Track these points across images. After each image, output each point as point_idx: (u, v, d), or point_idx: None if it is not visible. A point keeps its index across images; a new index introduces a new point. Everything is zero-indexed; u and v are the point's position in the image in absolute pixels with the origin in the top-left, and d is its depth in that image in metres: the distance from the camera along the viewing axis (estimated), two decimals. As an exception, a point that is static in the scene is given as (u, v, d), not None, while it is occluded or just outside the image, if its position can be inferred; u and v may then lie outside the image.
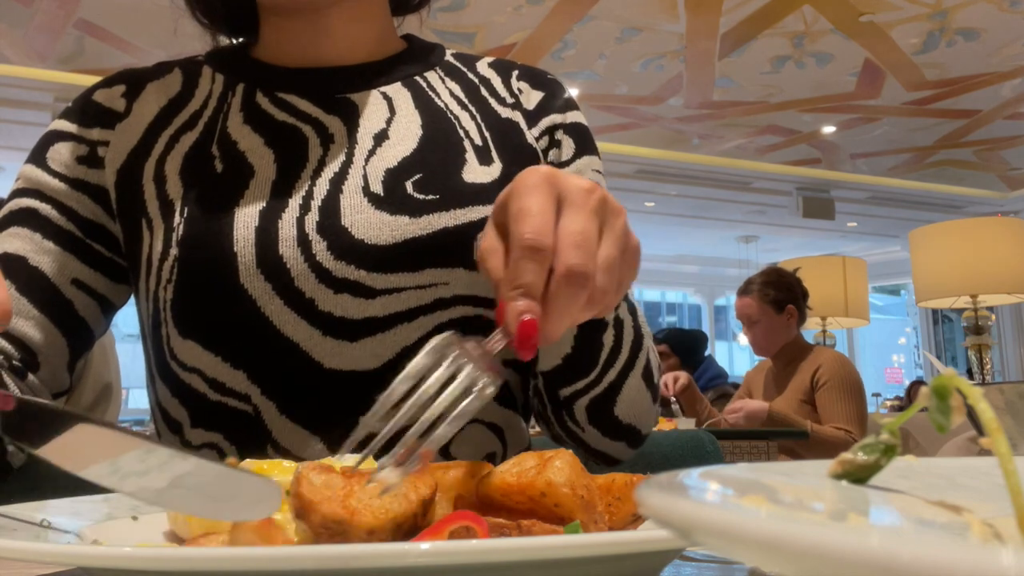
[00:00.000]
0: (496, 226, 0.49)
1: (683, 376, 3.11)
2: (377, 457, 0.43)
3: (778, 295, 3.01)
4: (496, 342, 0.45)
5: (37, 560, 0.33)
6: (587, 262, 0.45)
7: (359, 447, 0.45)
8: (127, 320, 0.98)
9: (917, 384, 7.82)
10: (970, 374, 3.66)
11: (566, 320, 0.46)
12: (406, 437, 0.42)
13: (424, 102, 0.80)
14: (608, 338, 0.71)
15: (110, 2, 4.60)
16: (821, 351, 3.02)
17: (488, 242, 0.49)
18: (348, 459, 0.50)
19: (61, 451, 0.38)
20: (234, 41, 0.88)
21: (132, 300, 0.82)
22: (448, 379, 0.44)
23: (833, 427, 2.80)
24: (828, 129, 6.81)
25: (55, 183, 0.77)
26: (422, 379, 0.44)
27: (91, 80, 1.09)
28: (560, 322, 0.46)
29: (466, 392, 0.44)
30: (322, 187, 0.73)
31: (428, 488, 0.41)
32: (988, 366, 3.48)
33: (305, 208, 0.72)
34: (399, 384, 0.44)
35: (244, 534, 0.39)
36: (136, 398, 8.15)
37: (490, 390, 0.44)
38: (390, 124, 0.78)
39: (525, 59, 5.21)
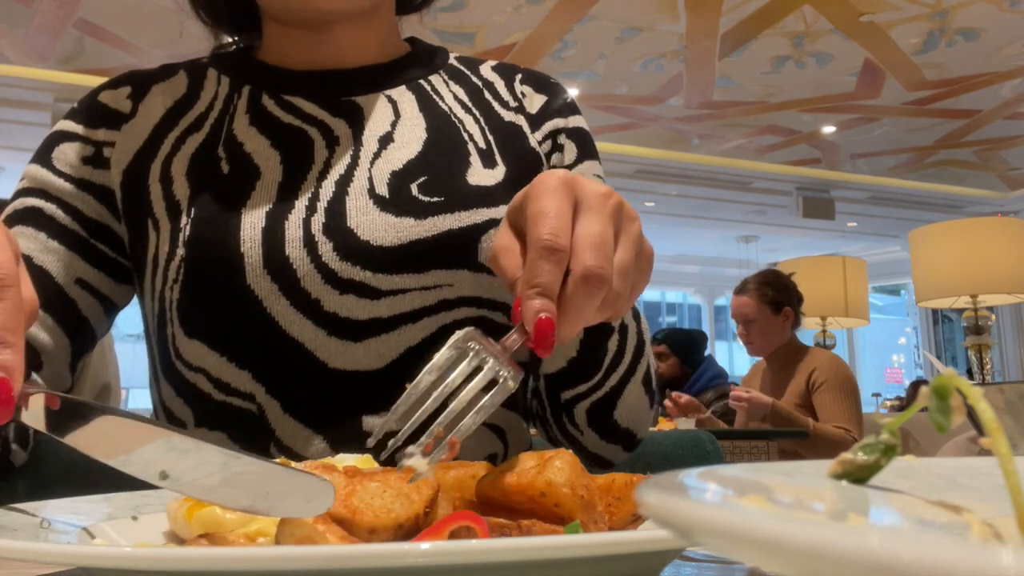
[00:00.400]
0: (511, 226, 0.50)
1: (686, 397, 3.17)
2: (403, 446, 0.44)
3: (776, 295, 3.03)
4: (514, 340, 0.46)
5: (37, 560, 0.33)
6: (604, 264, 0.46)
7: (385, 437, 0.46)
8: (127, 320, 0.98)
9: (919, 384, 7.82)
10: (970, 374, 3.66)
11: (581, 321, 0.46)
12: (433, 427, 0.44)
13: (429, 106, 0.81)
14: (613, 343, 0.71)
15: (110, 2, 4.60)
16: (815, 353, 3.03)
17: (502, 241, 0.49)
18: (348, 459, 0.50)
19: (107, 449, 0.39)
20: (234, 39, 0.89)
21: (134, 300, 0.82)
22: (472, 372, 0.45)
23: (833, 426, 2.81)
24: (828, 129, 6.81)
25: (60, 183, 0.77)
26: (446, 371, 0.45)
27: (91, 80, 1.10)
28: (575, 323, 0.46)
29: (490, 385, 0.45)
30: (328, 189, 0.74)
31: (430, 488, 0.41)
32: (988, 366, 3.48)
33: (311, 209, 0.72)
34: (425, 375, 0.45)
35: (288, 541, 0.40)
36: (136, 398, 8.15)
37: (512, 384, 0.45)
38: (395, 127, 0.78)
39: (525, 59, 5.22)
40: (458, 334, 0.46)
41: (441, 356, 0.45)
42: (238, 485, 0.38)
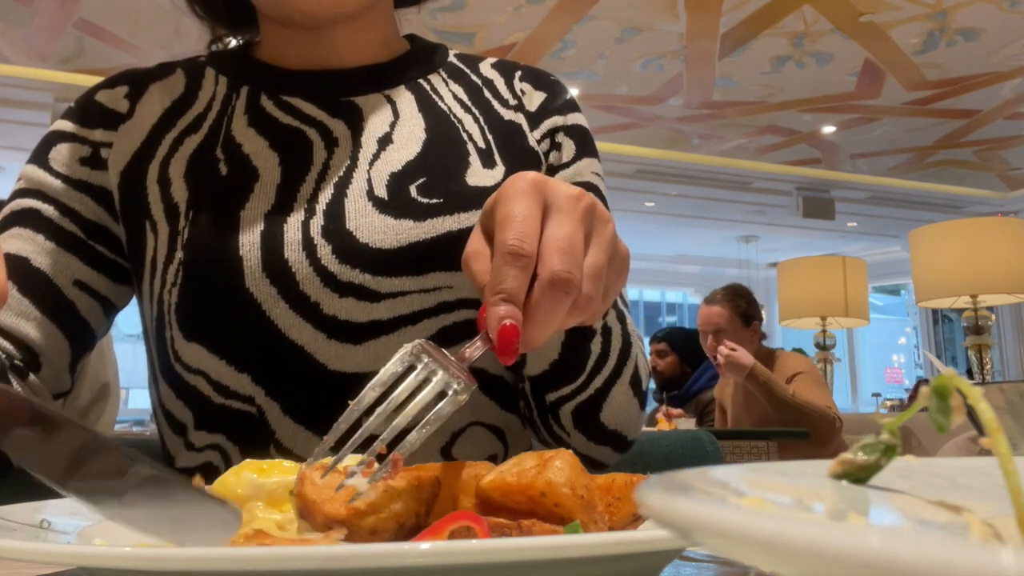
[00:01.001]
0: (483, 231, 0.49)
1: (676, 411, 3.29)
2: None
3: (748, 308, 3.09)
4: (476, 348, 0.45)
5: (37, 560, 0.33)
6: (572, 268, 0.45)
7: (331, 452, 0.45)
8: (127, 320, 0.98)
9: (923, 383, 7.82)
10: (970, 374, 3.66)
11: (550, 327, 0.45)
12: (375, 445, 0.42)
13: (428, 106, 0.80)
14: (595, 345, 0.71)
15: (110, 2, 4.60)
16: (784, 355, 3.11)
17: (473, 246, 0.49)
18: (348, 459, 0.50)
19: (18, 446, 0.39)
20: (233, 36, 0.88)
21: (134, 301, 0.82)
22: (418, 386, 0.44)
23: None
24: (828, 129, 6.81)
25: (57, 184, 0.77)
26: (393, 386, 0.44)
27: (91, 80, 1.09)
28: (543, 328, 0.45)
29: (438, 398, 0.44)
30: (327, 191, 0.73)
31: (431, 488, 0.41)
32: (988, 366, 3.48)
33: (310, 212, 0.72)
34: (369, 391, 0.43)
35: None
36: (136, 398, 8.14)
37: (463, 396, 0.44)
38: (394, 128, 0.78)
39: (525, 59, 5.21)
40: (406, 347, 0.44)
41: (386, 371, 0.44)
42: (147, 508, 0.38)
